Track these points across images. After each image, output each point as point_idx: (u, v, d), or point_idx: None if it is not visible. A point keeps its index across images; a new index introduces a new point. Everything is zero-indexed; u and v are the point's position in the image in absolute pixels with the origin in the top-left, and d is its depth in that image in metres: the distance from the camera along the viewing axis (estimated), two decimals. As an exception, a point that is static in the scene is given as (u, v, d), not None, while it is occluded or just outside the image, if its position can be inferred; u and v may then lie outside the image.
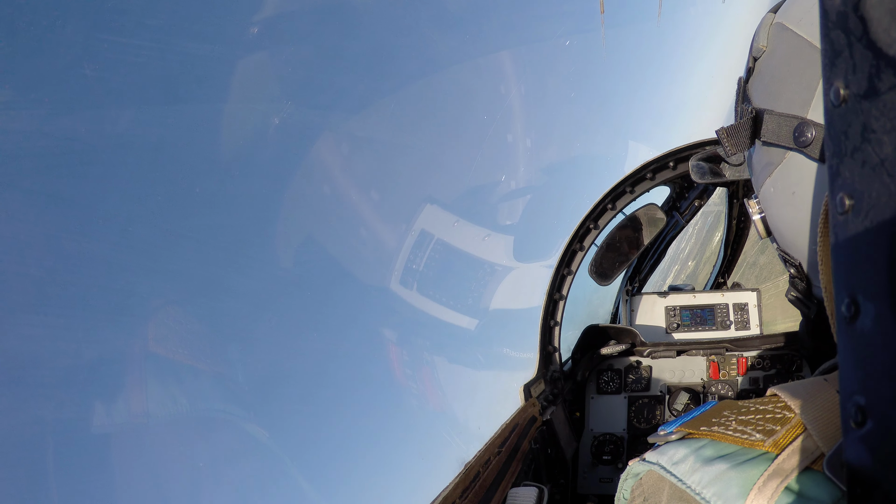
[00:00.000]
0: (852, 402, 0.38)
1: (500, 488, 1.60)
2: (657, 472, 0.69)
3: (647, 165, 2.35)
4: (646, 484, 0.71)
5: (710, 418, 0.72)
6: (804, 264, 1.00)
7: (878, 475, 0.36)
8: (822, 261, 0.62)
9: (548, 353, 2.42)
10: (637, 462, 0.74)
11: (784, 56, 0.97)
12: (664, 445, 0.72)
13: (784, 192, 0.96)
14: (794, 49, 0.94)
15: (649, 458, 0.72)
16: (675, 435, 0.73)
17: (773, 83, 0.99)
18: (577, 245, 2.48)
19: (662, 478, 0.68)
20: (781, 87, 0.97)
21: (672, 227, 2.85)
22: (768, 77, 1.01)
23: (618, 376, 2.67)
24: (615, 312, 3.33)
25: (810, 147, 0.88)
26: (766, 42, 1.01)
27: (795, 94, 0.93)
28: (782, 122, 0.94)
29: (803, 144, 0.89)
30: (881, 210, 0.35)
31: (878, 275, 0.35)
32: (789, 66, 0.96)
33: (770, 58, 1.01)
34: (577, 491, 2.49)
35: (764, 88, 1.02)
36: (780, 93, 0.97)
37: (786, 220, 0.98)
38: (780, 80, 0.97)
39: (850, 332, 0.38)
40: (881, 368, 0.35)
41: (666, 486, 0.67)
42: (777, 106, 0.97)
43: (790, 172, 0.94)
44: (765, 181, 1.02)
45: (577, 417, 2.64)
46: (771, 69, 1.00)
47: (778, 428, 0.63)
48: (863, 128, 0.36)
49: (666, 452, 0.70)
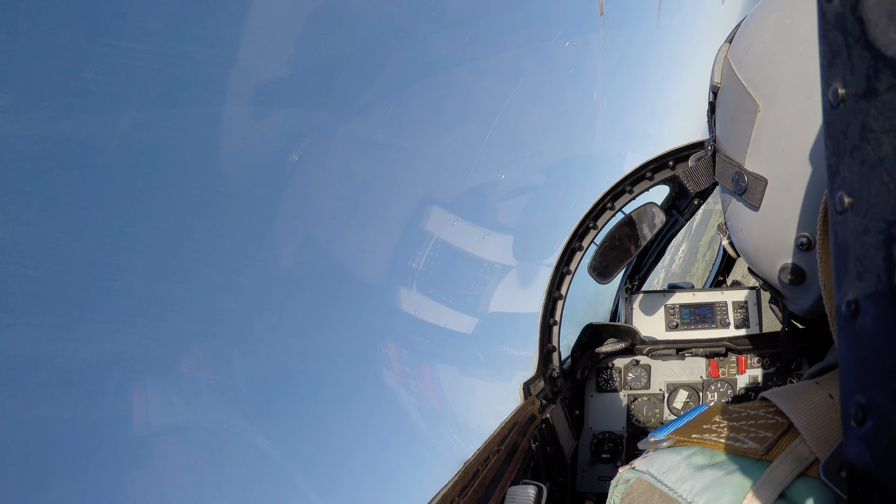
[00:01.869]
0: (853, 401, 0.38)
1: (499, 486, 1.60)
2: (647, 480, 0.68)
3: (647, 165, 2.36)
4: (635, 492, 0.69)
5: (700, 425, 0.71)
6: (767, 282, 1.04)
7: (878, 474, 0.36)
8: (822, 259, 0.62)
9: (547, 351, 2.42)
10: (627, 470, 0.73)
11: (729, 97, 0.98)
12: (654, 453, 0.71)
13: (736, 227, 1.01)
14: (735, 93, 0.94)
15: (639, 466, 0.71)
16: (666, 442, 0.71)
17: (724, 123, 1.01)
18: (576, 244, 2.48)
19: (652, 486, 0.66)
20: (729, 129, 0.99)
21: (671, 226, 2.86)
22: (722, 115, 1.02)
23: (617, 374, 2.67)
24: (615, 311, 3.33)
25: (746, 194, 0.92)
26: (719, 79, 1.02)
27: (737, 139, 0.95)
28: (727, 167, 0.98)
29: (739, 192, 0.93)
30: (880, 208, 0.35)
31: (878, 273, 0.35)
32: (732, 110, 0.96)
33: (723, 94, 1.02)
34: (576, 489, 2.50)
35: (720, 125, 1.03)
36: (727, 135, 0.99)
37: (742, 248, 1.04)
38: (727, 121, 0.99)
39: (849, 331, 0.38)
40: (881, 367, 0.35)
41: (656, 495, 0.65)
42: (726, 147, 1.00)
43: (737, 212, 0.99)
44: (725, 212, 1.07)
45: (577, 416, 2.65)
46: (723, 107, 1.02)
47: (770, 434, 0.62)
48: (861, 127, 0.37)
49: (656, 460, 0.69)
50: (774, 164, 0.86)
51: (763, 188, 0.88)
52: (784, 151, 0.84)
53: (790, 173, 0.84)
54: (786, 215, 0.86)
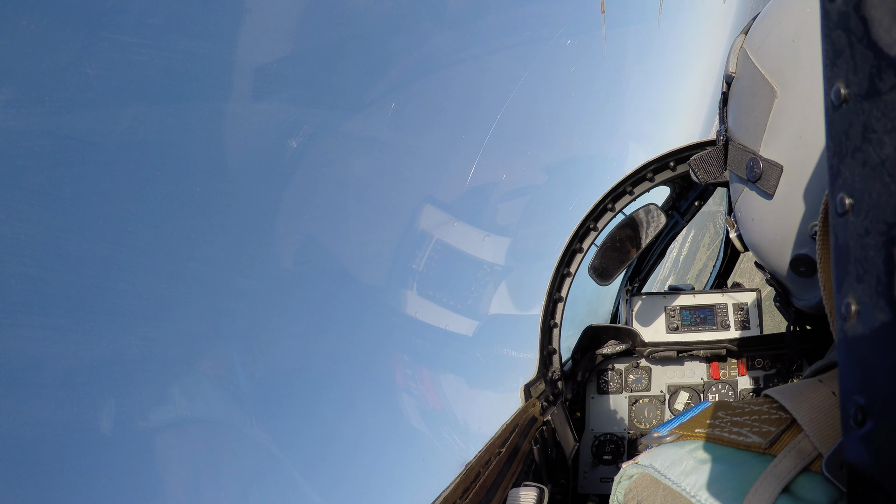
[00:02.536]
0: (852, 402, 0.38)
1: (500, 488, 1.60)
2: (651, 474, 0.68)
3: (647, 166, 2.35)
4: (639, 487, 0.69)
5: (704, 420, 0.71)
6: (775, 275, 1.04)
7: (878, 475, 0.36)
8: (822, 260, 0.62)
9: (548, 353, 2.42)
10: (630, 465, 0.73)
11: (745, 86, 0.98)
12: (658, 448, 0.71)
13: (747, 216, 1.01)
14: (751, 81, 0.94)
15: (643, 460, 0.71)
16: (670, 437, 0.72)
17: (738, 112, 1.01)
18: (576, 246, 2.48)
19: (656, 481, 0.66)
20: (743, 117, 0.99)
21: (672, 228, 2.85)
22: (736, 104, 1.02)
23: (618, 376, 2.67)
24: (615, 312, 3.33)
25: (760, 181, 0.92)
26: (734, 68, 1.02)
27: (752, 126, 0.95)
28: (741, 154, 0.98)
29: (754, 178, 0.93)
30: (881, 210, 0.35)
31: (878, 275, 0.35)
32: (747, 98, 0.97)
33: (737, 84, 1.02)
34: (578, 491, 2.49)
35: (734, 115, 1.04)
36: (742, 123, 0.99)
37: (752, 239, 1.03)
38: (742, 110, 0.99)
39: (849, 333, 0.38)
40: (881, 368, 0.35)
41: (660, 489, 0.65)
42: (740, 135, 1.00)
43: (750, 201, 0.98)
44: (735, 203, 1.07)
45: (578, 417, 2.64)
46: (737, 96, 1.02)
47: (773, 430, 0.62)
48: (863, 128, 0.36)
49: (660, 455, 0.69)
50: (791, 149, 0.86)
51: (778, 175, 0.88)
52: (801, 137, 0.84)
53: (807, 159, 0.84)
54: (800, 203, 0.86)
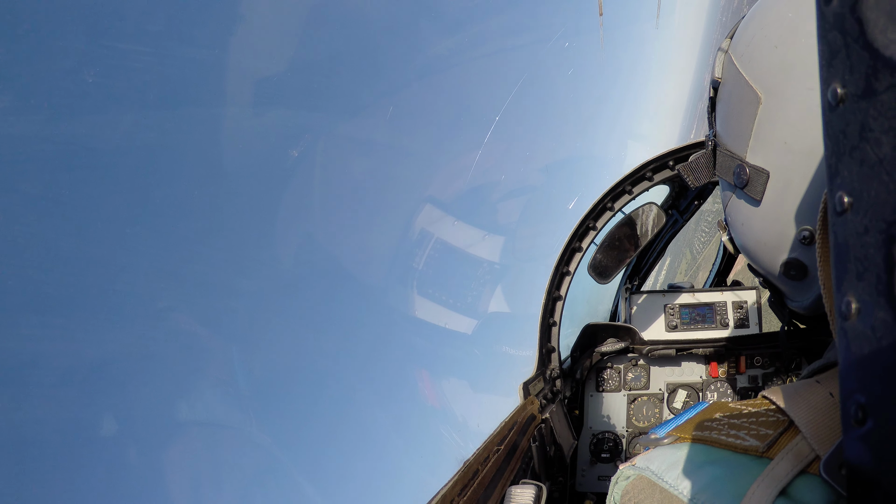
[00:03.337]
0: (853, 401, 0.38)
1: (498, 486, 1.60)
2: (648, 477, 0.67)
3: (647, 165, 2.36)
4: (636, 489, 0.69)
5: (701, 422, 0.71)
6: (768, 278, 1.05)
7: (878, 474, 0.36)
8: (821, 259, 0.62)
9: (546, 351, 2.42)
10: (627, 466, 0.73)
11: (730, 92, 0.98)
12: (655, 450, 0.71)
13: (737, 221, 1.02)
14: (736, 87, 0.94)
15: (639, 462, 0.70)
16: (667, 439, 0.71)
17: (724, 118, 1.02)
18: (575, 244, 2.48)
19: (653, 483, 0.66)
20: (729, 123, 0.99)
21: (671, 226, 2.86)
22: (722, 110, 1.03)
23: (617, 374, 2.67)
24: (614, 311, 3.33)
25: (748, 187, 0.92)
26: (720, 73, 1.02)
27: (738, 133, 0.95)
28: (729, 160, 0.98)
29: (741, 185, 0.94)
30: (880, 208, 0.35)
31: (878, 273, 0.35)
32: (733, 104, 0.97)
33: (723, 89, 1.02)
34: (576, 489, 2.50)
35: (721, 120, 1.04)
36: (728, 129, 1.00)
37: (743, 244, 1.04)
38: (728, 116, 0.99)
39: (850, 331, 0.38)
40: (881, 367, 0.35)
41: (657, 492, 0.65)
42: (727, 141, 1.00)
43: (739, 206, 0.99)
44: (726, 207, 1.08)
45: (576, 415, 2.65)
46: (723, 102, 1.02)
47: (771, 432, 0.62)
48: (861, 127, 0.37)
49: (657, 457, 0.69)
50: (776, 156, 0.87)
51: (765, 181, 0.88)
52: (786, 143, 0.84)
53: (792, 165, 0.84)
54: (787, 208, 0.86)
